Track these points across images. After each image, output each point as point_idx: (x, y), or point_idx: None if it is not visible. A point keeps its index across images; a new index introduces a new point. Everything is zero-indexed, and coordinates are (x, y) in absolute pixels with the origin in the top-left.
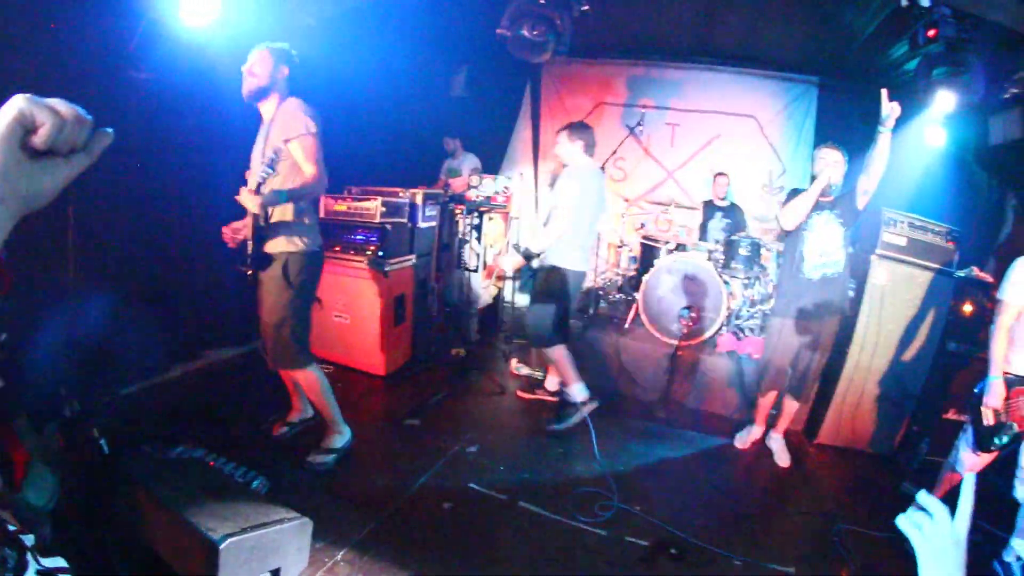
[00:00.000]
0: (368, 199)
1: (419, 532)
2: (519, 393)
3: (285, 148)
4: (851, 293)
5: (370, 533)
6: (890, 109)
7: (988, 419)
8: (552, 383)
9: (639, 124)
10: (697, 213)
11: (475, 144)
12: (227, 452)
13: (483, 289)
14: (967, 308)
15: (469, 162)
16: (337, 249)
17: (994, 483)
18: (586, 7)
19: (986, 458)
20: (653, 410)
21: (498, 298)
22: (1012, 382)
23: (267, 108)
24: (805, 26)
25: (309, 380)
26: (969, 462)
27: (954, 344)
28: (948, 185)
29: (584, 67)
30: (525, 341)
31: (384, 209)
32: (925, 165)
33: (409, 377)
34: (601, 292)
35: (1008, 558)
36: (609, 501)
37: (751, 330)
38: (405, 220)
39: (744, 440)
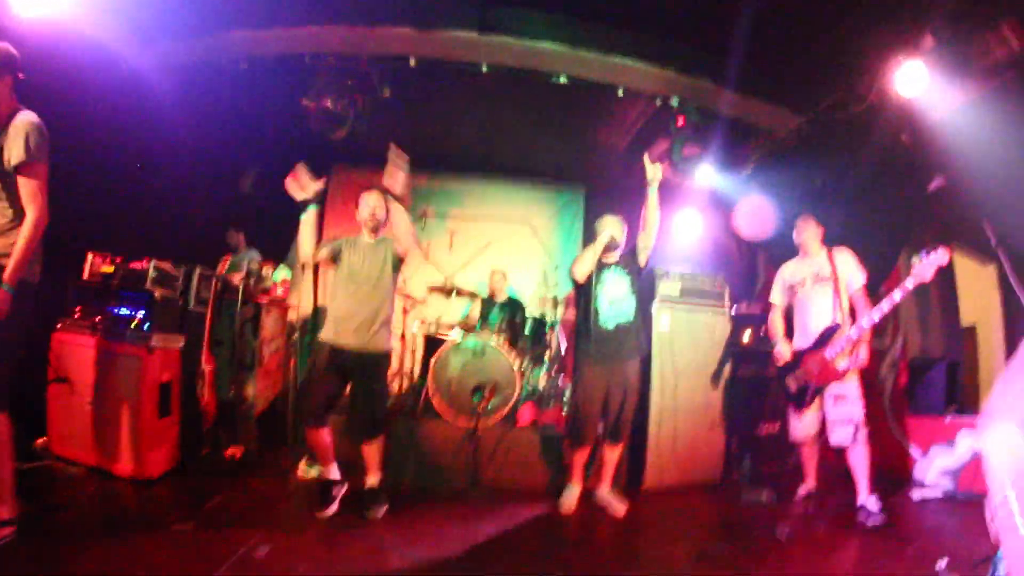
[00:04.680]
0: (140, 262)
1: None
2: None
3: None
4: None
5: None
6: (653, 170)
7: (791, 386)
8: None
9: (422, 223)
10: (477, 305)
11: (260, 233)
12: None
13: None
14: (745, 338)
15: (251, 258)
16: (96, 320)
17: None
18: (387, 93)
19: (809, 414)
20: (464, 495)
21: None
22: (798, 355)
23: None
24: (574, 140)
25: None
26: (800, 425)
27: (744, 369)
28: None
29: (371, 175)
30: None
31: (155, 275)
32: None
33: (177, 480)
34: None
35: None
36: None
37: (551, 399)
38: (177, 296)
39: (569, 503)
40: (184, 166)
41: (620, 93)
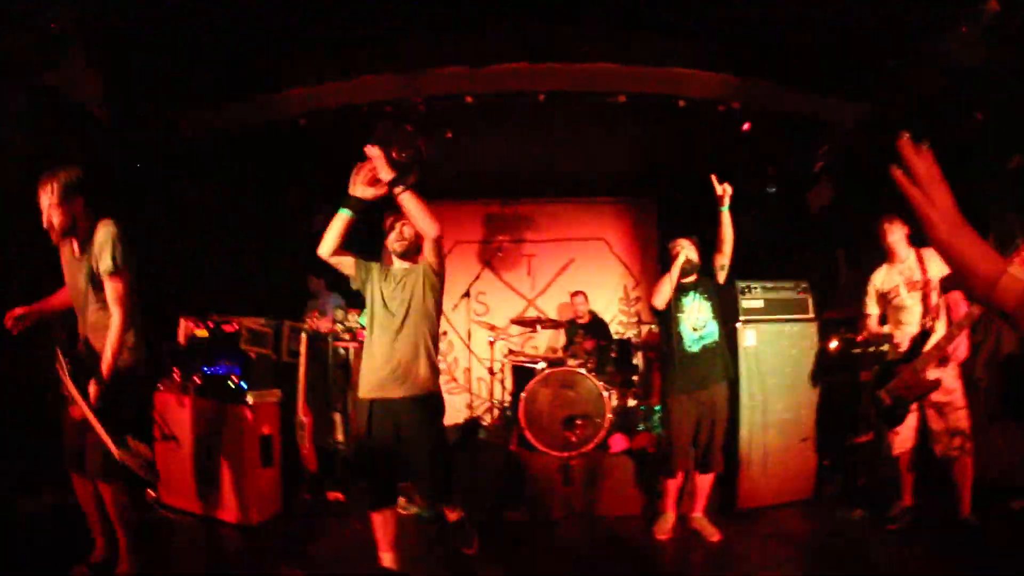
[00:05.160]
0: (230, 326)
1: None
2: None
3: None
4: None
5: None
6: (722, 190)
7: (884, 399)
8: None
9: (499, 251)
10: (563, 332)
11: (338, 281)
12: None
13: None
14: (833, 345)
15: (334, 302)
16: (195, 380)
17: None
18: (449, 134)
19: (904, 431)
20: (560, 525)
21: None
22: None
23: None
24: (640, 155)
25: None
26: (898, 439)
27: (835, 377)
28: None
29: (436, 208)
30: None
31: (247, 335)
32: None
33: (281, 524)
34: (479, 419)
35: None
36: None
37: (642, 426)
38: (270, 352)
39: (664, 529)
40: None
41: (681, 103)
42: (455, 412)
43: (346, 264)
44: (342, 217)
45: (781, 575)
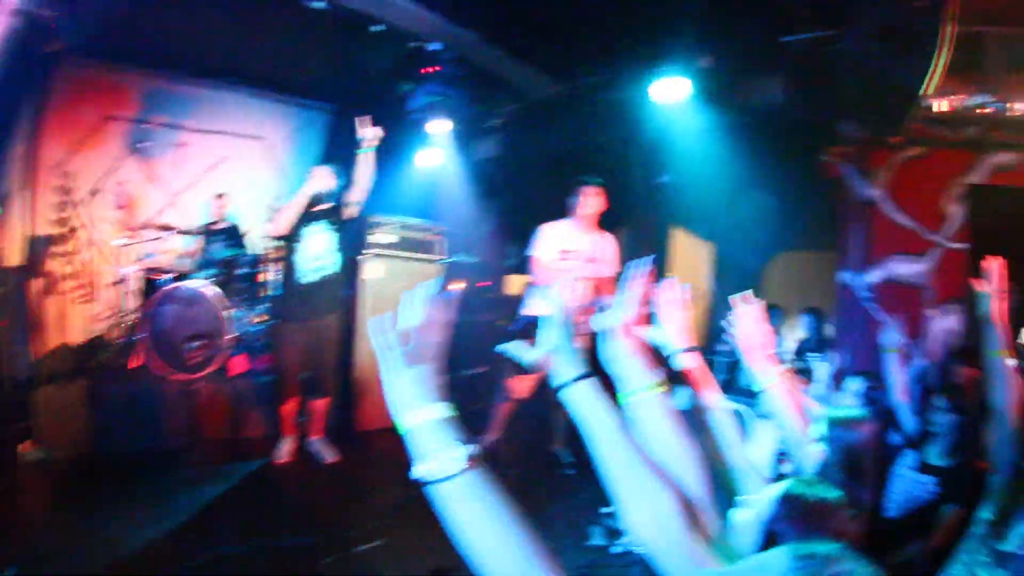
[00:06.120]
0: None
1: None
2: None
3: None
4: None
5: None
6: (365, 132)
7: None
8: None
9: (147, 143)
10: (199, 238)
11: None
12: None
13: None
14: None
15: None
16: None
17: None
18: None
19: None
20: (186, 456)
21: None
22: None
23: None
24: (325, 55)
25: None
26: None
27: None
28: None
29: (98, 73)
30: None
31: None
32: (429, 178)
33: None
34: (105, 339)
35: None
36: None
37: (264, 347)
38: None
39: (282, 454)
40: None
41: (381, 27)
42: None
43: None
44: None
45: (394, 495)
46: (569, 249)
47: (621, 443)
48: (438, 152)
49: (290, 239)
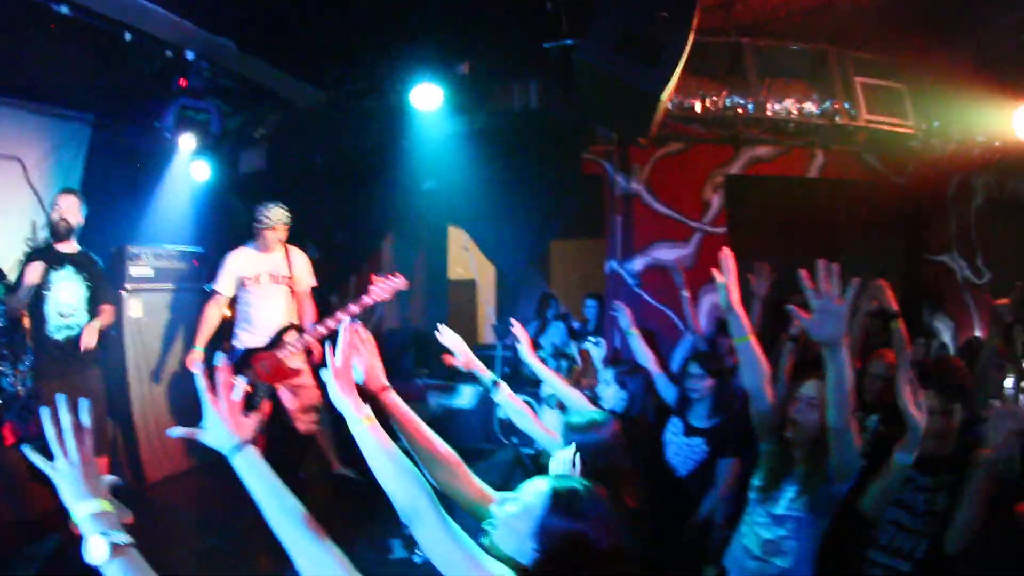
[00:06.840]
0: None
1: None
2: None
3: None
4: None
5: None
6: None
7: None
8: None
9: None
10: None
11: None
12: None
13: None
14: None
15: None
16: None
17: None
18: None
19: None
20: None
21: None
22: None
23: None
24: (79, 64)
25: None
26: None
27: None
28: (211, 212)
29: None
30: None
31: None
32: (192, 198)
33: None
34: None
35: None
36: None
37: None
38: None
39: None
40: None
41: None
42: None
43: None
44: None
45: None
46: (250, 275)
47: (283, 505)
48: (199, 168)
49: (38, 287)
